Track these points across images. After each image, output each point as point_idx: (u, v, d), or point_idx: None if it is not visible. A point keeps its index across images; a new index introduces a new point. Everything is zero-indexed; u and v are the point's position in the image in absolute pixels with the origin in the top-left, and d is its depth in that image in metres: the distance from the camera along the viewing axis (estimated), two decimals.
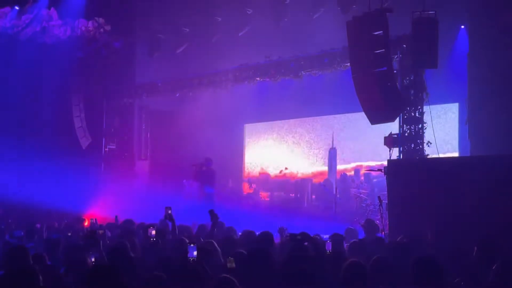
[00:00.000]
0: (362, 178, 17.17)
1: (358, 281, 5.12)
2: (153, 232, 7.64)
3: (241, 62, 15.20)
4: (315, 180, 18.41)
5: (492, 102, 11.65)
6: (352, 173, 17.78)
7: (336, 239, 7.59)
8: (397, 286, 5.38)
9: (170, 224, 8.76)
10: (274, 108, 18.26)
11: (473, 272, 5.70)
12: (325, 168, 18.63)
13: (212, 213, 8.62)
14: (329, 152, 18.55)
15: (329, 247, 6.27)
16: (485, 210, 8.60)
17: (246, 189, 19.94)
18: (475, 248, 6.23)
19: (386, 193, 11.24)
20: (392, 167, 10.60)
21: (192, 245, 5.83)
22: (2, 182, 15.21)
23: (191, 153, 15.50)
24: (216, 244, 6.86)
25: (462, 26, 14.05)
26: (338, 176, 17.99)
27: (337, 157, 18.31)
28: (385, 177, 10.95)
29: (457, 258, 6.09)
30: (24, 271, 4.80)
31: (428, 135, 11.50)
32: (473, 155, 11.89)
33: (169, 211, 8.53)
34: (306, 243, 6.08)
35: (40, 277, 4.77)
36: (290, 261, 5.38)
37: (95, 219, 11.46)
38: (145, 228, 8.37)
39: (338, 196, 15.59)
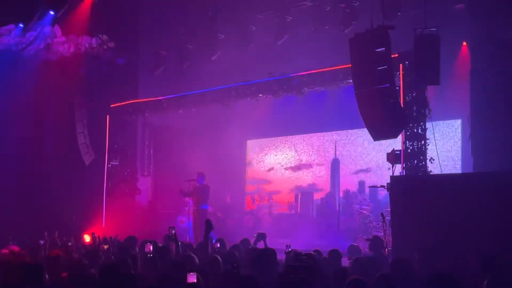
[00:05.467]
0: (367, 193, 17.07)
1: None
2: (151, 247, 7.48)
3: (244, 78, 15.26)
4: (317, 196, 18.36)
5: (495, 118, 11.64)
6: (357, 185, 17.69)
7: (335, 256, 7.56)
8: None
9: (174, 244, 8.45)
10: (277, 125, 18.30)
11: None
12: (328, 184, 18.57)
13: (208, 222, 8.32)
14: (332, 162, 18.53)
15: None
16: (488, 226, 8.57)
17: (249, 204, 19.91)
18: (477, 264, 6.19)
19: (389, 209, 11.24)
20: (395, 184, 10.58)
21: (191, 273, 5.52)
22: (4, 198, 15.23)
23: (193, 169, 15.46)
24: (220, 260, 6.83)
25: (464, 43, 14.09)
26: (340, 189, 17.93)
27: (340, 171, 18.28)
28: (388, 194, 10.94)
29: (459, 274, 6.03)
30: None
31: (430, 152, 11.50)
32: (476, 171, 11.86)
33: (173, 231, 8.25)
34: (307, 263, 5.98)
35: None
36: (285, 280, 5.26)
37: (98, 237, 11.41)
38: (143, 244, 8.18)
39: (341, 212, 15.54)
